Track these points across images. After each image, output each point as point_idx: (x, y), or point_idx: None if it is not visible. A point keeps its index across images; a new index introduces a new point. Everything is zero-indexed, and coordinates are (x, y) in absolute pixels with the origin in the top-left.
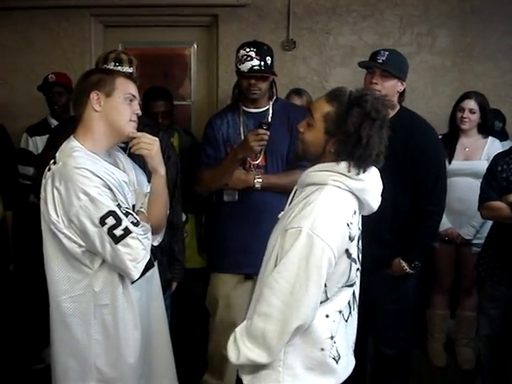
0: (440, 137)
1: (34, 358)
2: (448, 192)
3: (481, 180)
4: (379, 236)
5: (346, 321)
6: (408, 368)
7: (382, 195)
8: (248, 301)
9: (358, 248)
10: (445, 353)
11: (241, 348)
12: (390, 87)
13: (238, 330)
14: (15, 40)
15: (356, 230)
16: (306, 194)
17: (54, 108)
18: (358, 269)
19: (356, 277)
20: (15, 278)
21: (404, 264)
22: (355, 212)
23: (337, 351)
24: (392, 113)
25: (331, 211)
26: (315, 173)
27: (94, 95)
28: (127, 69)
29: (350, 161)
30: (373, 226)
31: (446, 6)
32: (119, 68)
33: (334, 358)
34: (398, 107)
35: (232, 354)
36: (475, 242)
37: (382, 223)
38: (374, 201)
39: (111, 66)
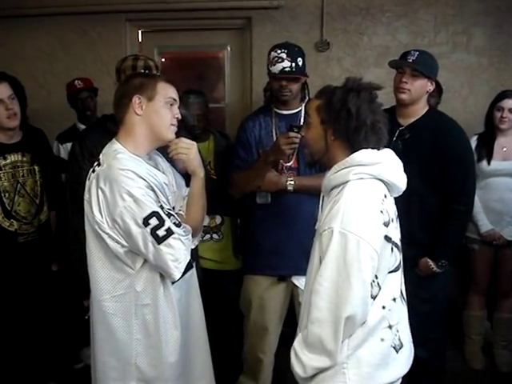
0: (476, 136)
1: (72, 358)
2: (487, 193)
3: None
4: (410, 235)
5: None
6: (441, 369)
7: (410, 195)
8: (281, 302)
9: (397, 229)
10: (482, 355)
11: (304, 360)
12: (419, 87)
13: (296, 344)
14: (52, 45)
15: (391, 214)
16: (332, 198)
17: (86, 114)
18: (399, 252)
19: (400, 260)
20: (58, 278)
21: (431, 263)
22: (386, 196)
23: (399, 340)
24: (420, 113)
25: (359, 204)
26: (334, 175)
27: (136, 99)
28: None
29: (349, 141)
30: (402, 226)
31: (481, 4)
32: None
33: (394, 347)
34: (427, 107)
35: (298, 370)
36: None
37: (411, 222)
38: (399, 180)
39: None
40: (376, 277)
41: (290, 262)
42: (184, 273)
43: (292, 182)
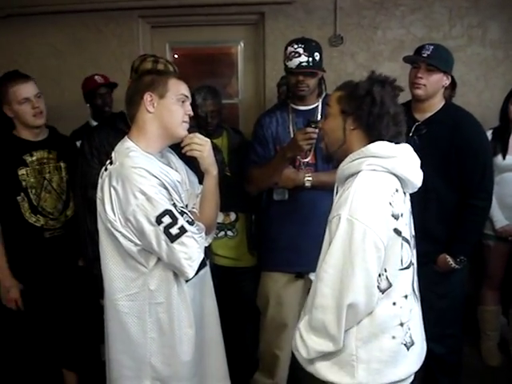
0: (491, 130)
1: (94, 351)
2: (502, 188)
3: None
4: (425, 231)
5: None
6: (457, 366)
7: (427, 191)
8: (299, 299)
9: (409, 227)
10: (499, 352)
11: (308, 343)
12: (435, 81)
13: (302, 326)
14: (65, 42)
15: (401, 209)
16: (345, 188)
17: (105, 110)
18: (411, 249)
19: (412, 257)
20: (83, 273)
21: (449, 259)
22: (397, 190)
23: (410, 337)
24: (437, 108)
25: (368, 193)
26: (348, 165)
27: (147, 96)
28: None
29: (369, 129)
30: (419, 221)
31: None
32: None
33: (405, 345)
34: (443, 102)
35: (302, 351)
36: None
37: (428, 218)
38: (414, 176)
39: None
40: (385, 270)
41: (307, 259)
42: (198, 271)
43: (310, 179)
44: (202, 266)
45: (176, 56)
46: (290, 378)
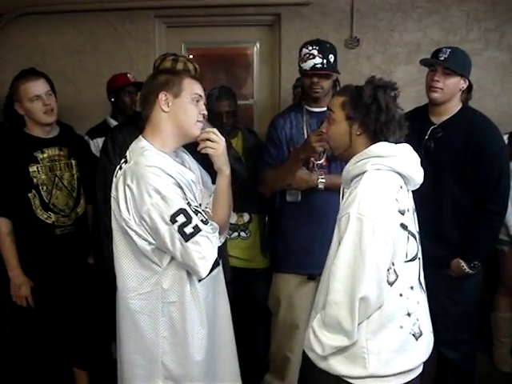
0: (507, 135)
1: (104, 349)
2: None
3: None
4: (441, 235)
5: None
6: (471, 372)
7: (442, 194)
8: (310, 301)
9: (414, 221)
10: (511, 358)
11: (322, 340)
12: (452, 85)
13: (315, 324)
14: (81, 41)
15: (406, 204)
16: (351, 187)
17: (131, 108)
18: (417, 243)
19: (418, 251)
20: (94, 271)
21: (463, 264)
22: (401, 187)
23: (419, 328)
24: (454, 111)
25: (374, 191)
26: (353, 166)
27: (162, 96)
28: None
29: (376, 135)
30: (434, 225)
31: None
32: None
33: (413, 335)
34: (460, 105)
35: (317, 348)
36: None
37: (443, 222)
38: (415, 173)
39: None
40: (393, 264)
41: (320, 261)
42: (211, 270)
43: (323, 180)
44: (215, 265)
45: (191, 56)
46: (300, 380)
